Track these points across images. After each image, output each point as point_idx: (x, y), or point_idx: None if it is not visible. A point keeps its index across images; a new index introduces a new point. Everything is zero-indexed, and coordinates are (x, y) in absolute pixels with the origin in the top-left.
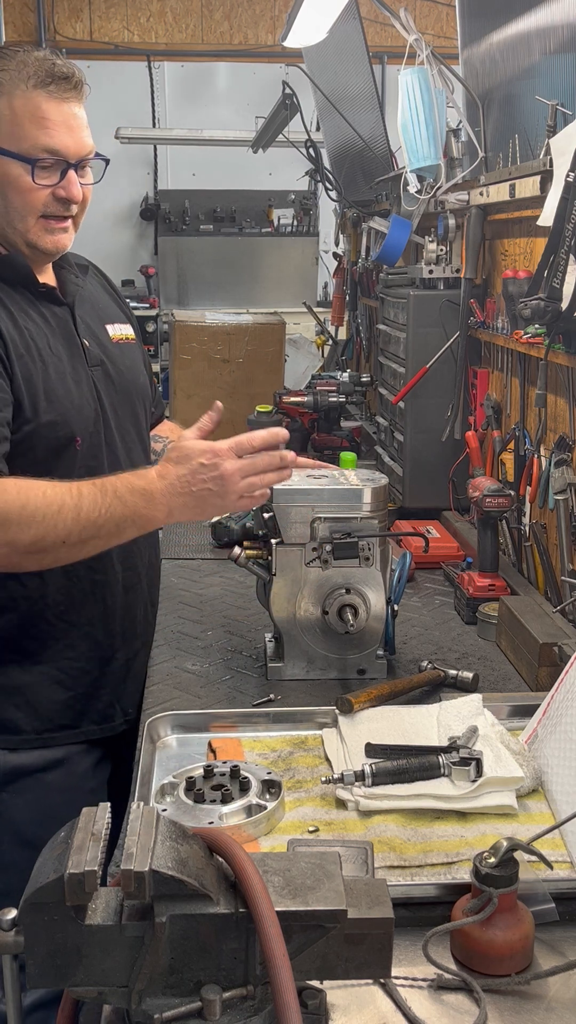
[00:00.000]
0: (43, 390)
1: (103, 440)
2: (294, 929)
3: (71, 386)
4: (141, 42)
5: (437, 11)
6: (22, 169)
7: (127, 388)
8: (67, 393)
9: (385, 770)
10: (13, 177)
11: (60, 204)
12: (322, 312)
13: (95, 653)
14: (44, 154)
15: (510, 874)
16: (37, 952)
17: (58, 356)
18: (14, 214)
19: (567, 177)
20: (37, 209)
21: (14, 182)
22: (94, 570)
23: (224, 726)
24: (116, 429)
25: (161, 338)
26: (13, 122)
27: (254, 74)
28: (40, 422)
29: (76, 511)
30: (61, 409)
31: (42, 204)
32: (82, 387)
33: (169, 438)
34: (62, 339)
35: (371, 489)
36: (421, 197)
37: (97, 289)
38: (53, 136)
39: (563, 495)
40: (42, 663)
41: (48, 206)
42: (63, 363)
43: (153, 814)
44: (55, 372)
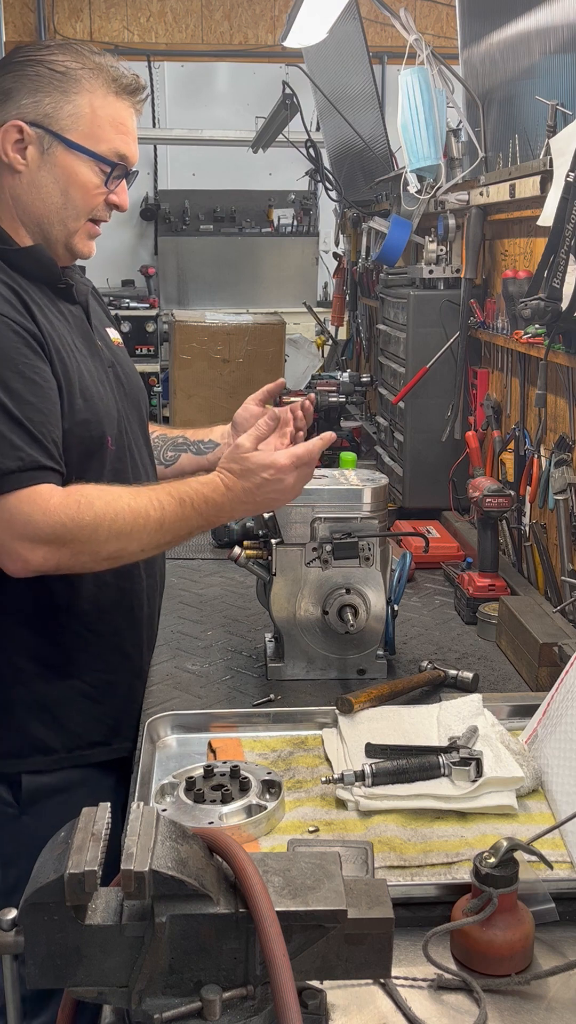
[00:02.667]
0: (78, 387)
1: (125, 444)
2: (294, 929)
3: (98, 384)
4: (141, 42)
5: (437, 11)
6: (94, 171)
7: (133, 390)
8: (97, 391)
9: (385, 770)
10: (82, 176)
11: (108, 210)
12: (322, 312)
13: (124, 664)
14: (117, 159)
15: (510, 874)
16: (37, 952)
17: (82, 354)
18: (70, 212)
19: (567, 177)
20: (92, 212)
21: (82, 181)
22: (122, 577)
23: (224, 726)
24: (131, 432)
25: (161, 338)
26: (94, 123)
27: (254, 74)
28: (75, 420)
29: (160, 524)
30: (93, 407)
31: (97, 207)
32: (105, 386)
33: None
34: (81, 337)
35: (371, 489)
36: (421, 197)
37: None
38: (127, 144)
39: (563, 495)
40: (71, 677)
41: (98, 211)
42: (88, 361)
43: (153, 814)
44: (85, 369)
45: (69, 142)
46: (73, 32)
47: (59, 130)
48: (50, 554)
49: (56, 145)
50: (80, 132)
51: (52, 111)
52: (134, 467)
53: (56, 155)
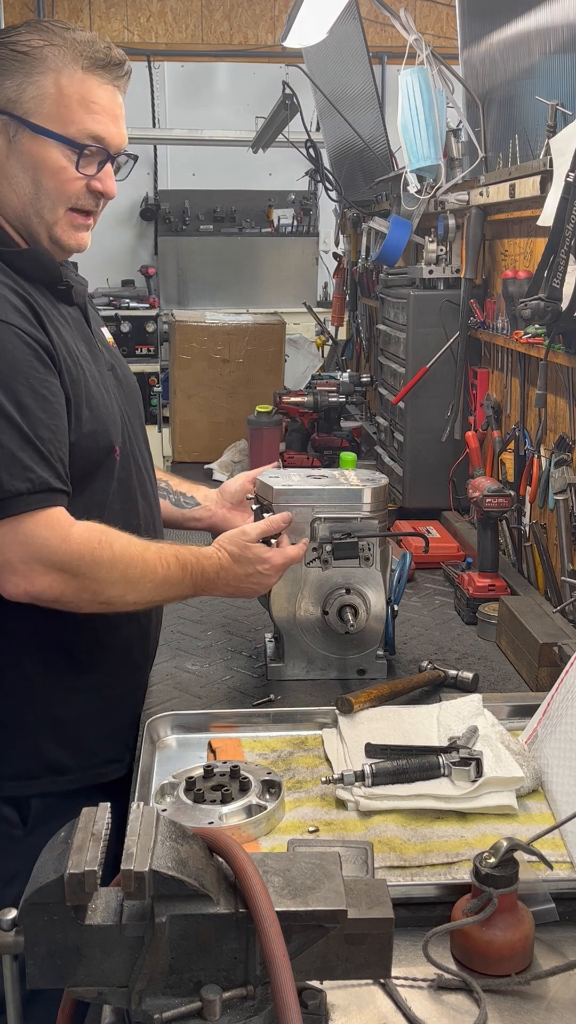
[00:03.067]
0: (85, 397)
1: (131, 451)
2: (294, 929)
3: (104, 392)
4: (141, 42)
5: (437, 11)
6: (64, 154)
7: (132, 393)
8: (103, 399)
9: (385, 770)
10: (51, 161)
11: (92, 198)
12: (322, 312)
13: (134, 676)
14: (90, 141)
15: (510, 874)
16: (37, 952)
17: (86, 360)
18: (44, 202)
19: (567, 177)
20: (69, 200)
21: (52, 167)
22: None
23: (224, 726)
24: (132, 436)
25: (161, 338)
26: (60, 103)
27: (254, 74)
28: (83, 432)
29: (163, 582)
30: (100, 417)
31: (76, 195)
32: (109, 393)
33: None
34: (82, 341)
35: (371, 489)
36: (421, 197)
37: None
38: (101, 123)
39: (563, 495)
40: (84, 693)
41: (80, 198)
42: (92, 367)
43: (153, 814)
44: (91, 377)
45: (34, 126)
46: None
47: (23, 114)
48: (57, 583)
49: (22, 131)
50: (45, 114)
51: (15, 95)
52: (138, 472)
53: (23, 142)
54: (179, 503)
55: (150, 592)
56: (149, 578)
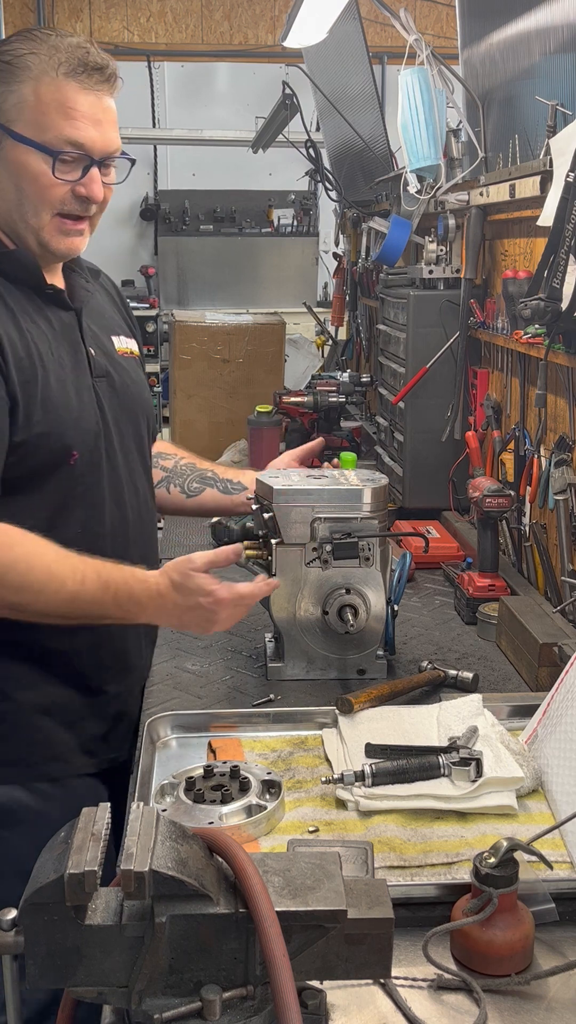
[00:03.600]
0: (40, 398)
1: (104, 456)
2: (294, 929)
3: (71, 396)
4: (141, 42)
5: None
6: (42, 161)
7: (131, 403)
8: (66, 403)
9: (385, 770)
10: (31, 168)
11: (79, 203)
12: (322, 312)
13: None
14: (67, 147)
15: (510, 874)
16: (37, 952)
17: (60, 363)
18: (28, 208)
19: (567, 177)
20: (54, 205)
21: (32, 173)
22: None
23: (224, 726)
24: (119, 446)
25: (161, 338)
26: (37, 109)
27: (254, 74)
28: (32, 432)
29: (73, 597)
30: (56, 420)
31: (60, 201)
32: (83, 398)
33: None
34: (66, 346)
35: (371, 489)
36: (421, 197)
37: (105, 298)
38: (79, 128)
39: (563, 495)
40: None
41: (66, 204)
42: (65, 371)
43: (153, 814)
44: (55, 380)
45: (13, 133)
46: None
47: (5, 122)
48: None
49: (5, 139)
50: (24, 122)
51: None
52: (114, 486)
53: (7, 150)
54: (227, 490)
55: (62, 605)
56: (54, 589)
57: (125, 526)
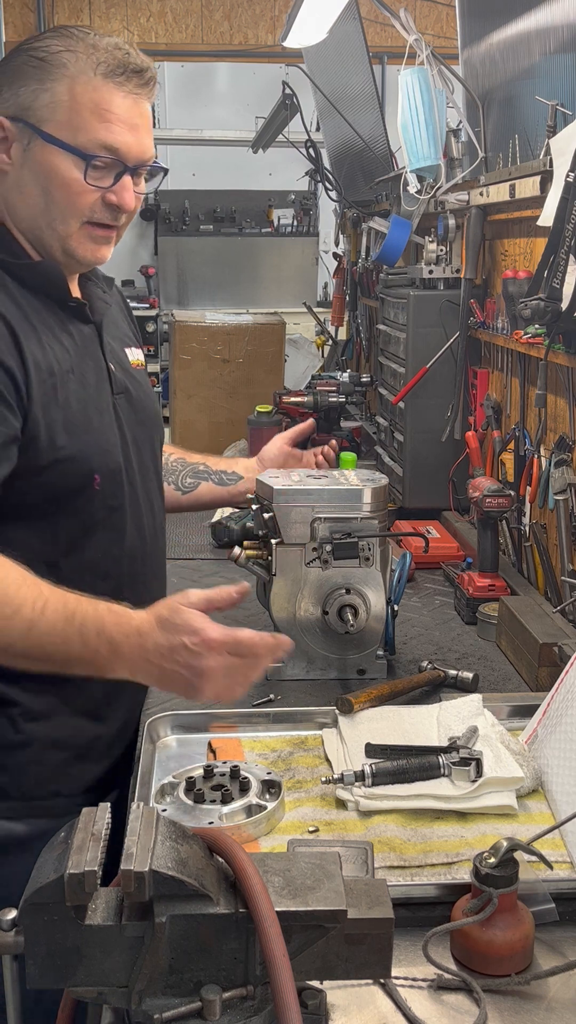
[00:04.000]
0: (63, 421)
1: (124, 477)
2: (294, 929)
3: (93, 416)
4: (141, 42)
5: (437, 11)
6: (74, 165)
7: (147, 418)
8: (88, 425)
9: (385, 770)
10: (61, 172)
11: (109, 211)
12: (322, 312)
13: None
14: (102, 151)
15: (510, 874)
16: (37, 952)
17: (83, 382)
18: (56, 214)
19: (567, 177)
20: (83, 213)
21: (62, 178)
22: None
23: (224, 726)
24: (137, 464)
25: (161, 338)
26: (72, 110)
27: (254, 74)
28: (57, 457)
29: (29, 626)
30: (81, 444)
31: (89, 208)
32: (105, 418)
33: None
34: (89, 362)
35: (371, 489)
36: (421, 197)
37: (117, 308)
38: (115, 133)
39: (563, 495)
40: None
41: (95, 212)
42: (88, 390)
43: (153, 814)
44: (77, 400)
45: (44, 134)
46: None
47: (36, 122)
48: None
49: (35, 139)
50: (57, 122)
51: (29, 102)
52: (134, 506)
53: (35, 151)
54: (222, 482)
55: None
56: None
57: (144, 546)
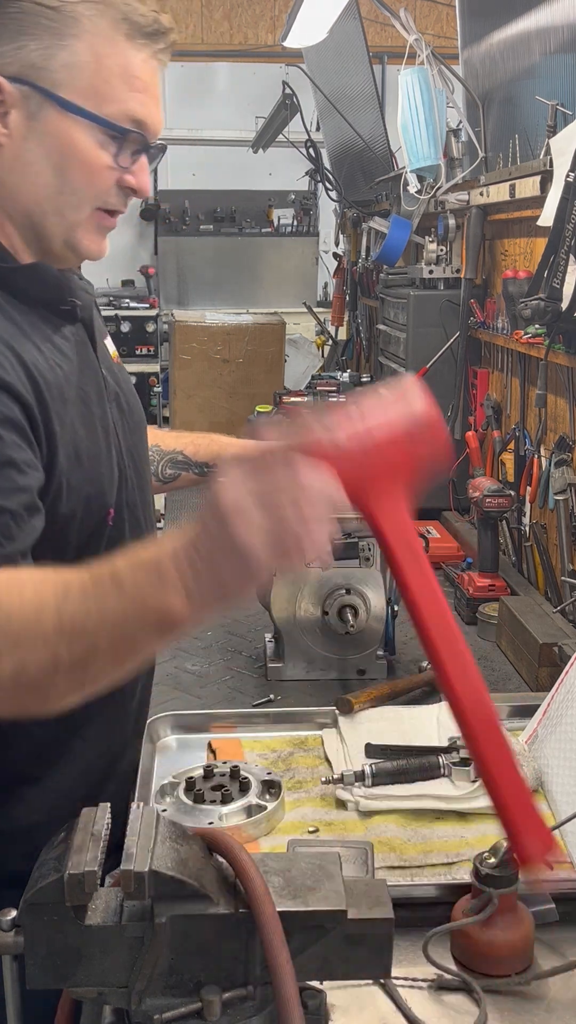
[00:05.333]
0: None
1: (125, 497)
2: (294, 929)
3: (100, 442)
4: None
5: (437, 11)
6: (96, 140)
7: (136, 421)
8: (95, 450)
9: (385, 770)
10: (83, 148)
11: (122, 196)
12: (322, 312)
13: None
14: (131, 125)
15: (510, 874)
16: (37, 952)
17: (84, 400)
18: (69, 198)
19: (567, 177)
20: (99, 196)
21: (84, 155)
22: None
23: (224, 726)
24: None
25: (161, 338)
26: (98, 75)
27: (254, 74)
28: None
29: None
30: (94, 474)
31: (106, 192)
32: (109, 440)
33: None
34: (85, 371)
35: None
36: (421, 197)
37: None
38: (145, 104)
39: (563, 495)
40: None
41: (111, 196)
42: (90, 408)
43: (153, 814)
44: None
45: (64, 102)
46: None
47: (50, 86)
48: None
49: (47, 106)
50: (79, 89)
51: (41, 60)
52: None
53: (48, 120)
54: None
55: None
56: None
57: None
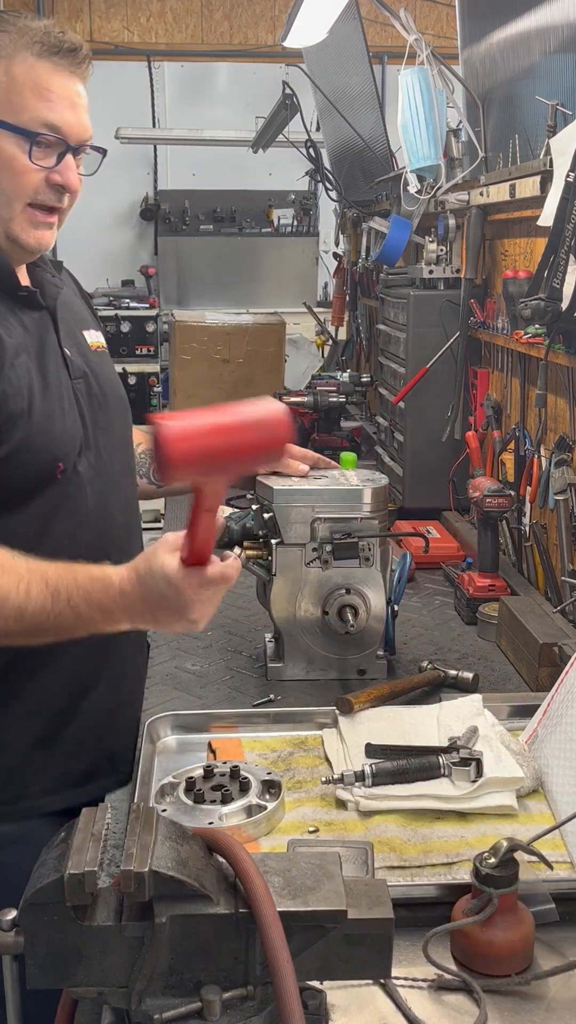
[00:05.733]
0: (24, 410)
1: (87, 463)
2: (294, 929)
3: (54, 404)
4: (141, 42)
5: (437, 11)
6: (17, 145)
7: (111, 402)
8: (49, 412)
9: (385, 770)
10: (4, 153)
11: (53, 192)
12: (322, 312)
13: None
14: (44, 129)
15: (510, 874)
16: (37, 952)
17: (40, 370)
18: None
19: (567, 177)
20: (27, 194)
21: (4, 158)
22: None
23: (224, 726)
24: (103, 447)
25: (161, 338)
26: (11, 90)
27: (254, 74)
28: (17, 447)
29: (19, 611)
30: (42, 432)
31: (33, 189)
32: (64, 405)
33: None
34: (45, 348)
35: (371, 489)
36: (421, 197)
37: (71, 291)
38: (56, 111)
39: (563, 495)
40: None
41: (39, 193)
42: (46, 378)
43: (153, 814)
44: (38, 389)
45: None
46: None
47: None
48: None
49: None
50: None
51: None
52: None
53: None
54: None
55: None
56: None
57: (115, 531)
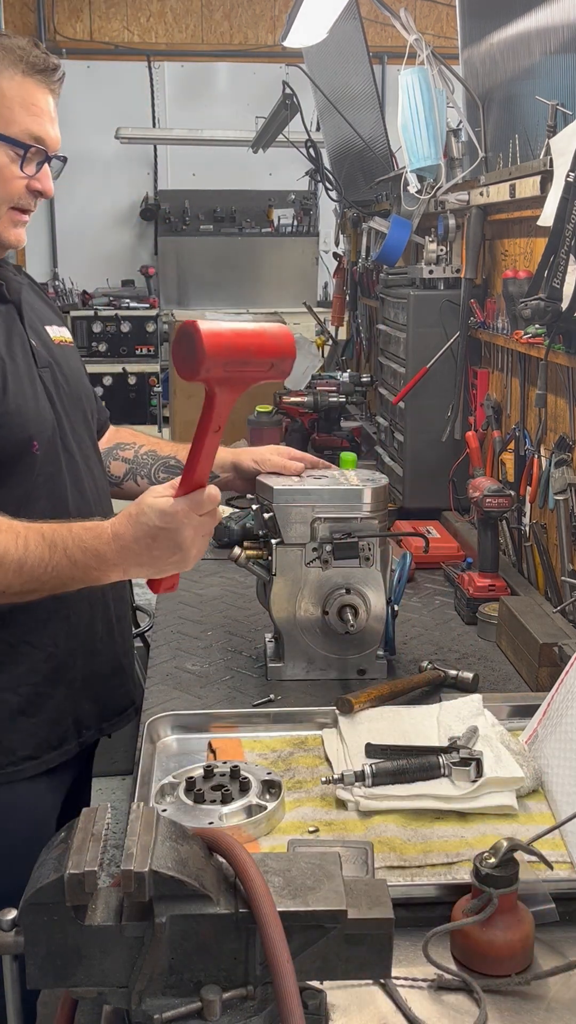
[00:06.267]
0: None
1: (60, 446)
2: (294, 929)
3: (26, 387)
4: (141, 42)
5: (437, 11)
6: (7, 155)
7: (75, 392)
8: (21, 393)
9: (385, 770)
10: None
11: (32, 197)
12: (322, 312)
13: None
14: (32, 142)
15: (510, 874)
16: (37, 952)
17: (11, 356)
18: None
19: (567, 177)
20: (11, 199)
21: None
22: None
23: (224, 726)
24: (72, 434)
25: (161, 338)
26: (2, 104)
27: (254, 74)
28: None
29: (19, 564)
30: (17, 410)
31: (17, 195)
32: (36, 389)
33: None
34: (12, 337)
35: (371, 489)
36: (421, 197)
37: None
38: (41, 124)
39: (563, 495)
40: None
41: (22, 198)
42: (16, 363)
43: (153, 814)
44: (9, 370)
45: None
46: (73, 32)
47: None
48: None
49: None
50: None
51: None
52: (73, 473)
53: None
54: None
55: (12, 577)
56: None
57: (89, 511)
